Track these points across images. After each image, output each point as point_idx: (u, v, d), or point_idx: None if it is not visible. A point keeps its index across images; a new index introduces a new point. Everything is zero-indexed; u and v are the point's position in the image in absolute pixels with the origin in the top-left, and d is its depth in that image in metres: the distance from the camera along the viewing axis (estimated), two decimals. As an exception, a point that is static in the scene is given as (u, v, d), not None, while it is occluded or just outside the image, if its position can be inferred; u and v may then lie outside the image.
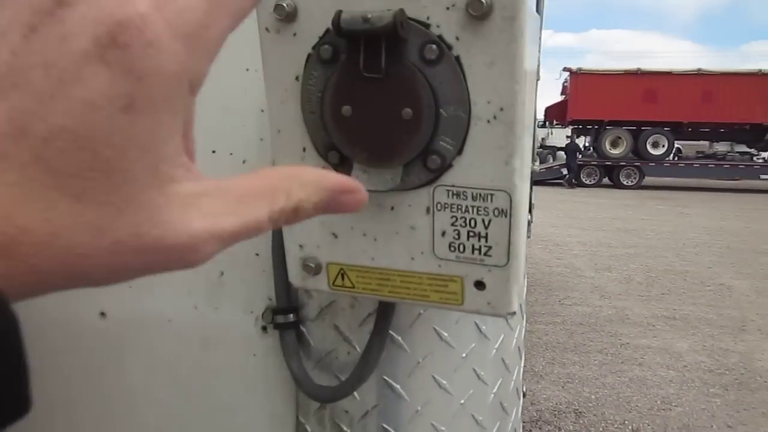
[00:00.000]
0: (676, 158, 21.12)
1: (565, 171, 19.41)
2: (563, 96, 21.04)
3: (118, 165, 0.22)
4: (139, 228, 0.23)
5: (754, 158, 21.69)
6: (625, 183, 18.87)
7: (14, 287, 0.21)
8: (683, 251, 8.30)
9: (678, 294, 6.09)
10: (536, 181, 1.39)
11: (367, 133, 0.44)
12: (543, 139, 25.31)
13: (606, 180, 19.20)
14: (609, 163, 19.21)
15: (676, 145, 20.63)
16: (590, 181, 19.19)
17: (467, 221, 0.47)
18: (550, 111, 21.61)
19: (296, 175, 0.29)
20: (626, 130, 19.38)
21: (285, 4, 0.45)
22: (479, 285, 0.48)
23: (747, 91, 18.66)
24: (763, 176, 18.91)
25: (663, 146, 19.15)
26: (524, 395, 0.87)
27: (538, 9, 0.92)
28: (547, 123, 24.18)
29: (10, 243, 0.21)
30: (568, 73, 20.34)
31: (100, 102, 0.22)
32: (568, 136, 22.77)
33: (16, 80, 0.21)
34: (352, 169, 0.47)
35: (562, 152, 24.34)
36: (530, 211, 1.03)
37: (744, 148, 21.89)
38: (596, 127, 19.80)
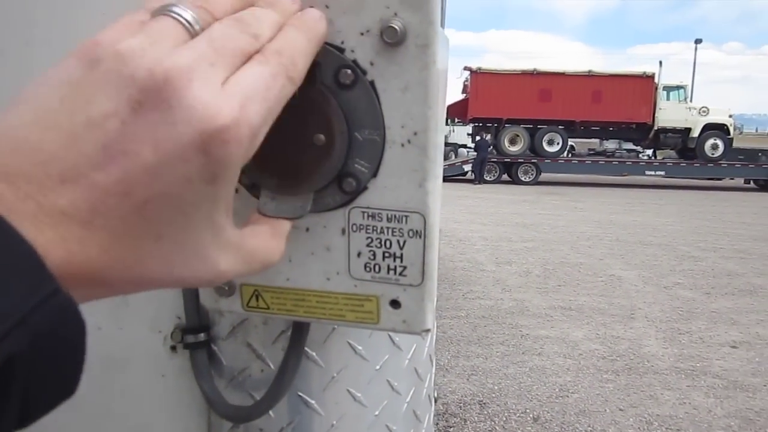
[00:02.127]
0: (569, 155, 22.21)
1: (466, 168, 19.97)
2: (464, 95, 21.53)
3: (192, 216, 0.30)
4: (193, 268, 0.31)
5: (640, 155, 23.19)
6: (523, 179, 19.65)
7: (86, 299, 0.27)
8: (577, 244, 8.75)
9: (573, 285, 6.42)
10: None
11: (276, 159, 0.43)
12: (445, 136, 25.91)
13: (505, 176, 19.92)
14: (508, 160, 19.93)
15: (569, 143, 21.70)
16: (490, 177, 19.85)
17: (382, 242, 0.47)
18: (451, 109, 21.79)
19: (275, 237, 0.40)
20: (524, 128, 20.18)
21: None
22: (395, 304, 0.49)
23: (633, 92, 19.93)
24: (648, 172, 20.27)
25: (558, 144, 20.09)
26: (436, 401, 0.89)
27: (442, 15, 0.93)
28: (448, 121, 24.64)
29: (103, 269, 0.27)
30: (468, 72, 20.89)
31: (195, 178, 0.28)
32: (469, 134, 23.40)
33: (125, 148, 0.26)
34: (260, 194, 0.45)
35: (464, 149, 24.98)
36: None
37: (631, 146, 23.37)
38: (496, 125, 20.47)
